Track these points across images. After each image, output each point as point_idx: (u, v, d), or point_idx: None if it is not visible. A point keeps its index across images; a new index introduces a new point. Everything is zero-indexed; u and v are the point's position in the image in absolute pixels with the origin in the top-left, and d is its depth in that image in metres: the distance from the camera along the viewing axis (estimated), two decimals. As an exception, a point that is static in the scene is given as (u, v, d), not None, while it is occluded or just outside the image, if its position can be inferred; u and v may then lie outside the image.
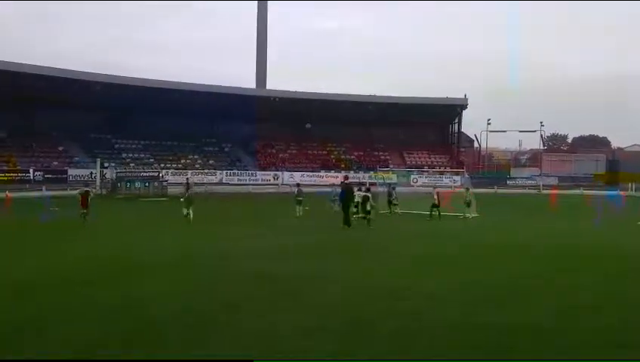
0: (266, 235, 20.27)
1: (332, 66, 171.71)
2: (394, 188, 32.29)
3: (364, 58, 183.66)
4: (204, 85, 67.40)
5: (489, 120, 79.46)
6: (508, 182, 72.20)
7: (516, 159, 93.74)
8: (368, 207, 24.03)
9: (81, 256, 15.15)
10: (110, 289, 10.81)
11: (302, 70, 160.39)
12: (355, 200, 24.27)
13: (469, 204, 29.75)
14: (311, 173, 68.73)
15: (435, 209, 28.44)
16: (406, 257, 15.43)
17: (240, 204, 39.60)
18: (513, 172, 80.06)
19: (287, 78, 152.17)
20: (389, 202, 30.53)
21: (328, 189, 33.02)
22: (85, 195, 25.43)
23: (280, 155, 74.96)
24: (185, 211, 25.03)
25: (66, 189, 46.49)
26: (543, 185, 65.60)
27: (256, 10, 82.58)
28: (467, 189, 31.72)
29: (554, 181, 71.99)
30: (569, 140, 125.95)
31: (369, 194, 24.64)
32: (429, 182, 62.85)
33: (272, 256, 15.23)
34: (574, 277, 12.70)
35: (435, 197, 28.76)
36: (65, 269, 13.03)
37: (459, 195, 31.70)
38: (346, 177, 27.73)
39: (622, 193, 53.88)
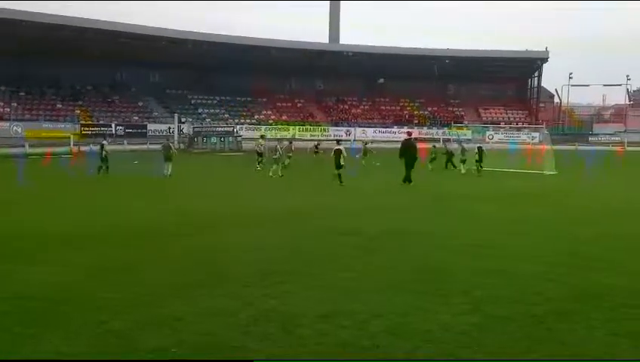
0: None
1: (404, 21, 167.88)
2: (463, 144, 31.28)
3: (437, 12, 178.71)
4: (277, 41, 67.43)
5: (570, 74, 76.19)
6: (590, 138, 69.38)
7: (599, 115, 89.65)
8: (342, 162, 22.60)
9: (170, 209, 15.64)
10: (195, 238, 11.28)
11: (374, 26, 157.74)
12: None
13: (463, 161, 28.90)
14: (383, 129, 68.14)
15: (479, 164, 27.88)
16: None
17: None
18: (596, 128, 76.72)
19: (359, 34, 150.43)
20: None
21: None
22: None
23: (352, 111, 74.57)
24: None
25: (146, 143, 48.03)
26: (629, 142, 62.71)
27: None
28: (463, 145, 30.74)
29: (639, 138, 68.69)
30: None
31: (342, 148, 23.10)
32: (505, 138, 61.43)
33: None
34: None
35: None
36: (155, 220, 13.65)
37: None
38: (409, 133, 27.12)
39: None
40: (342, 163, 22.63)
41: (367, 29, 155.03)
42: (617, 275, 8.55)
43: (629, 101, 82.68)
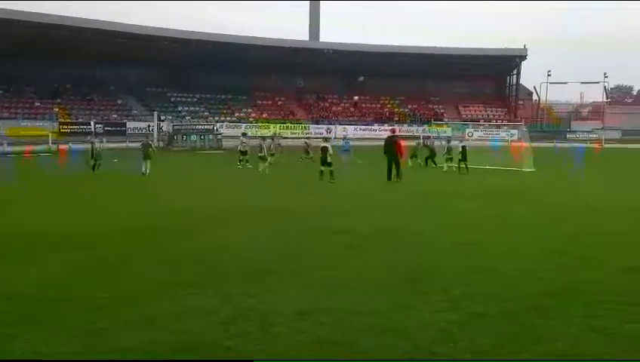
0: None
1: (386, 20, 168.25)
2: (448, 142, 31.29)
3: (419, 10, 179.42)
4: (256, 38, 67.31)
5: (549, 71, 76.97)
6: (568, 135, 70.21)
7: (577, 112, 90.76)
8: (329, 159, 22.52)
9: (158, 208, 15.56)
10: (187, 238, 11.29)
11: (355, 24, 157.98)
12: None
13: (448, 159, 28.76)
14: (364, 127, 68.24)
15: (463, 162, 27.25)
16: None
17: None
18: (574, 125, 77.69)
19: (339, 32, 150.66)
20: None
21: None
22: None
23: (333, 108, 74.61)
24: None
25: (125, 141, 47.61)
26: (606, 139, 63.58)
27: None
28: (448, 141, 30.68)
29: (617, 135, 69.71)
30: (634, 92, 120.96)
31: (328, 145, 22.92)
32: (484, 135, 61.89)
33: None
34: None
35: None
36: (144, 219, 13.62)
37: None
38: (393, 130, 27.14)
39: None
40: (329, 160, 22.72)
41: (347, 28, 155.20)
42: (597, 272, 8.74)
43: (607, 99, 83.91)
